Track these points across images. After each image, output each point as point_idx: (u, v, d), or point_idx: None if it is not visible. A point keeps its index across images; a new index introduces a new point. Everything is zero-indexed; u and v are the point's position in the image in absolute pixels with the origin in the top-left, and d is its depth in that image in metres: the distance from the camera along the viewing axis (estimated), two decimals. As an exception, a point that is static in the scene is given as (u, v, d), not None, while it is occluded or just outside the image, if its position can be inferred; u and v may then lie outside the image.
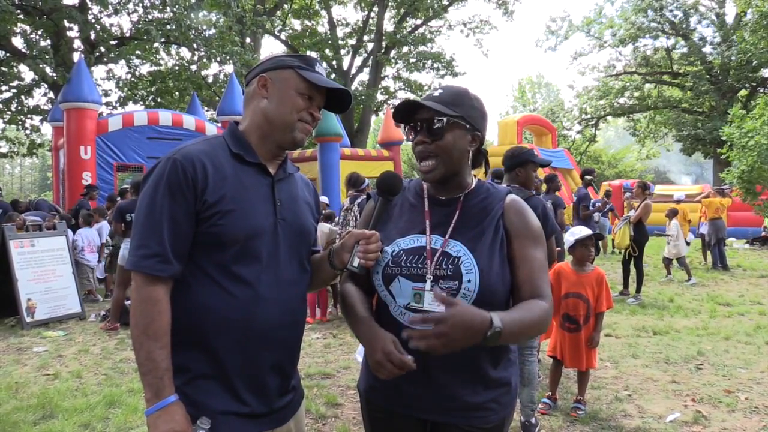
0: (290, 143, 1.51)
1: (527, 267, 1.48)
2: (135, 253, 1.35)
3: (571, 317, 3.83)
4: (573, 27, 30.56)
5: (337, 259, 1.55)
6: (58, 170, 12.52)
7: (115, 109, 18.29)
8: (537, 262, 1.49)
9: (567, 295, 3.84)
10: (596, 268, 3.89)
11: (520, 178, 3.69)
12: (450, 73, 25.84)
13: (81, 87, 10.46)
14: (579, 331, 3.80)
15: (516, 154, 3.76)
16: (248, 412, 1.41)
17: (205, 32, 16.29)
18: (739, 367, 4.83)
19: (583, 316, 3.80)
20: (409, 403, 1.52)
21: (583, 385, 3.95)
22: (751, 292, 8.47)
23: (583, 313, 3.80)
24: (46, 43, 16.46)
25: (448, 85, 1.58)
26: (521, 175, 3.69)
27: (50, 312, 6.69)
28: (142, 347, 1.31)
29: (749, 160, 12.65)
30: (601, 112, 29.06)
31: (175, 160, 1.37)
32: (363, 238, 1.48)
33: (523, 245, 1.50)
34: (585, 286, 3.82)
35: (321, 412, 3.87)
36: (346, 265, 1.50)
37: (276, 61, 1.51)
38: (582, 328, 3.80)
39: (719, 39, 25.89)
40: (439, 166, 1.51)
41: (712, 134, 23.53)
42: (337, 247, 1.56)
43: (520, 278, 1.48)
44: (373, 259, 1.49)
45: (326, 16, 26.15)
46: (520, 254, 1.49)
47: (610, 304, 3.83)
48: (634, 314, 7.02)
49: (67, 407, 3.95)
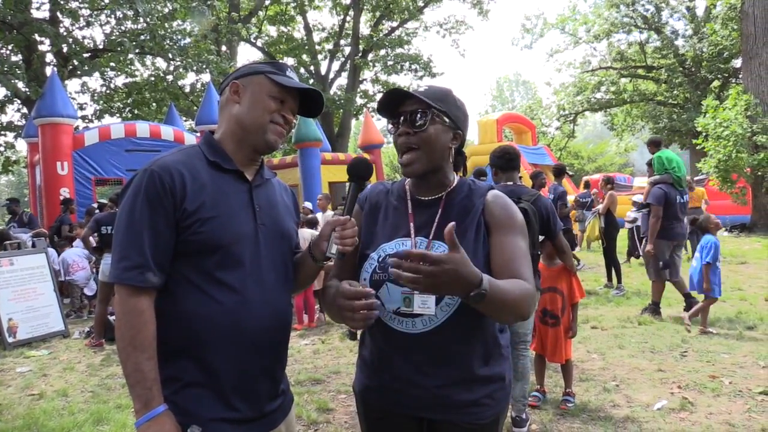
0: (263, 146, 1.52)
1: (507, 252, 1.47)
2: (117, 266, 1.35)
3: (550, 311, 3.93)
4: (548, 25, 30.85)
5: (316, 250, 1.58)
6: (35, 187, 12.30)
7: (91, 122, 18.04)
8: (518, 249, 1.48)
9: (543, 290, 3.91)
10: (561, 263, 3.92)
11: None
12: (428, 74, 25.93)
13: (55, 101, 10.31)
14: (559, 324, 3.90)
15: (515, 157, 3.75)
16: (239, 418, 1.41)
17: (180, 42, 16.16)
18: (723, 353, 4.91)
19: (560, 309, 3.90)
20: (404, 401, 1.53)
21: (568, 377, 4.00)
22: (732, 278, 8.61)
23: (560, 306, 3.90)
24: (18, 57, 16.19)
25: (432, 84, 1.60)
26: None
27: (32, 331, 6.57)
28: (129, 359, 1.31)
29: (726, 150, 12.88)
30: (578, 107, 29.35)
31: (152, 171, 1.37)
32: (338, 225, 1.50)
33: (502, 234, 1.50)
34: (558, 280, 3.91)
35: (312, 418, 3.86)
36: (325, 253, 1.52)
37: (247, 68, 1.54)
38: (561, 321, 3.90)
39: (691, 32, 26.33)
40: (420, 158, 1.52)
41: (687, 125, 23.88)
42: (315, 239, 1.60)
43: (499, 263, 1.46)
44: (350, 245, 1.50)
45: (302, 21, 26.10)
46: (498, 241, 1.49)
47: (582, 294, 3.94)
48: (618, 305, 7.11)
49: (53, 427, 3.89)
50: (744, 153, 13.32)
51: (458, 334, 1.48)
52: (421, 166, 1.52)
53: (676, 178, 6.38)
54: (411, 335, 1.48)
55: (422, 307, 1.44)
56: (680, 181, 6.42)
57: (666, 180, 6.39)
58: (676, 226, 6.28)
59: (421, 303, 1.45)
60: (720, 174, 13.38)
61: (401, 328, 1.49)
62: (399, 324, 1.50)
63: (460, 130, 1.57)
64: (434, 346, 1.48)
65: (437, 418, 1.52)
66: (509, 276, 1.42)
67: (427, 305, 1.44)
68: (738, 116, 13.18)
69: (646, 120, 29.96)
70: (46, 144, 10.34)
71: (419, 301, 1.45)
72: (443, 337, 1.47)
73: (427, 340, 1.47)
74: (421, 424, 1.57)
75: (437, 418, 1.52)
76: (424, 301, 1.44)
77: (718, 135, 13.25)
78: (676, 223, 6.29)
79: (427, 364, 1.48)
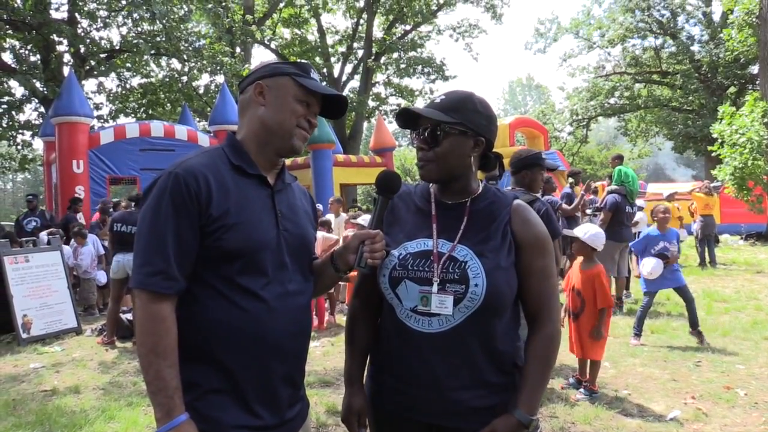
0: (288, 150, 1.50)
1: (534, 278, 1.52)
2: (140, 271, 1.33)
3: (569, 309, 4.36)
4: (561, 29, 30.71)
5: (341, 262, 1.56)
6: (50, 185, 12.46)
7: (106, 122, 18.23)
8: (544, 272, 1.53)
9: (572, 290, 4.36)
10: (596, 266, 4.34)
11: (526, 181, 3.66)
12: (441, 78, 25.93)
13: (72, 101, 10.44)
14: (577, 320, 4.27)
15: (523, 157, 3.75)
16: (261, 425, 1.40)
17: (195, 43, 16.29)
18: (738, 364, 4.84)
19: (579, 308, 4.28)
20: (416, 406, 1.52)
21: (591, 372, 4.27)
22: (747, 288, 8.51)
23: (579, 305, 4.27)
24: (36, 57, 16.42)
25: (451, 91, 1.59)
26: (527, 177, 3.65)
27: (46, 328, 6.63)
28: (151, 366, 1.29)
29: (742, 157, 12.72)
30: (591, 112, 29.17)
31: (177, 175, 1.35)
32: (368, 238, 1.48)
33: (530, 255, 1.52)
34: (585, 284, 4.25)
35: (322, 420, 3.86)
36: (352, 267, 1.51)
37: (272, 69, 1.50)
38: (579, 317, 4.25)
39: (707, 37, 26.10)
40: (434, 170, 1.53)
41: (702, 132, 23.66)
42: (340, 249, 1.57)
43: (527, 290, 1.52)
44: (380, 258, 1.49)
45: (315, 24, 26.19)
46: (527, 264, 1.51)
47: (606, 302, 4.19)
48: (631, 313, 7.04)
49: (65, 423, 3.92)
50: (760, 160, 13.14)
51: (474, 337, 1.47)
52: (435, 175, 1.55)
53: (629, 191, 7.55)
54: (427, 334, 1.47)
55: (440, 306, 1.45)
56: (632, 194, 7.65)
57: (620, 191, 7.48)
58: (623, 230, 7.35)
59: (438, 302, 1.45)
60: (736, 181, 13.21)
61: (417, 326, 1.49)
62: (415, 323, 1.49)
63: (482, 137, 1.55)
64: (449, 347, 1.47)
65: (448, 425, 1.51)
66: (537, 303, 1.53)
67: (445, 305, 1.44)
68: (754, 123, 13.01)
69: (660, 126, 29.73)
70: (63, 143, 10.46)
71: (437, 301, 1.45)
72: (459, 338, 1.46)
73: (442, 340, 1.47)
74: (430, 430, 1.56)
75: (448, 425, 1.51)
76: (442, 300, 1.45)
77: (734, 142, 13.08)
78: (624, 227, 7.39)
79: (441, 365, 1.47)
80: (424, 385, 1.49)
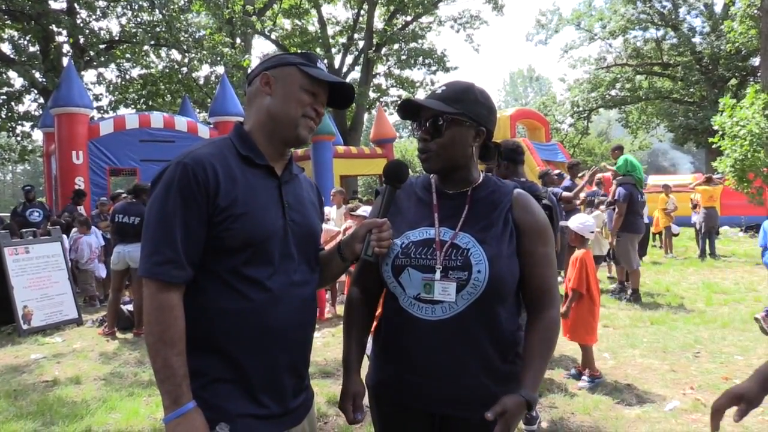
0: (295, 140, 1.50)
1: (535, 264, 1.53)
2: (148, 260, 1.33)
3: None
4: (563, 20, 30.62)
5: (348, 251, 1.57)
6: (50, 176, 12.45)
7: (106, 113, 18.18)
8: (545, 259, 1.55)
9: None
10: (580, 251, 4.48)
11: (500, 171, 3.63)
12: (441, 69, 25.83)
13: (71, 92, 10.39)
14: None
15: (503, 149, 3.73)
16: (266, 414, 1.41)
17: (195, 34, 16.22)
18: (736, 355, 4.86)
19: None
20: (419, 395, 1.53)
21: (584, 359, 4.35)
22: (747, 279, 8.52)
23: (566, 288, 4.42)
24: (35, 48, 16.35)
25: (452, 82, 1.60)
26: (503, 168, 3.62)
27: (47, 318, 6.65)
28: (159, 354, 1.30)
29: (743, 149, 12.70)
30: (592, 104, 29.10)
31: (185, 165, 1.35)
32: (375, 227, 1.49)
33: (532, 243, 1.53)
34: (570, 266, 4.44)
35: (322, 411, 3.87)
36: (359, 255, 1.51)
37: (278, 59, 1.51)
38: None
39: (708, 29, 26.01)
40: (436, 160, 1.55)
41: (703, 124, 23.63)
42: (346, 238, 1.58)
43: (528, 276, 1.54)
44: (387, 246, 1.51)
45: (316, 14, 26.07)
46: (528, 251, 1.53)
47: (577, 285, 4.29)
48: (630, 304, 7.05)
49: (66, 413, 3.94)
50: (761, 152, 13.10)
51: (477, 325, 1.48)
52: (436, 165, 1.56)
53: (637, 179, 7.35)
54: (430, 322, 1.48)
55: (443, 293, 1.46)
56: (641, 182, 7.46)
57: (630, 181, 7.27)
58: (638, 220, 7.17)
59: (441, 289, 1.46)
60: (736, 173, 13.18)
61: (420, 314, 1.49)
62: (419, 310, 1.50)
63: (483, 127, 1.56)
64: (453, 334, 1.47)
65: (451, 413, 1.52)
66: (538, 288, 1.54)
67: (448, 292, 1.45)
68: (755, 115, 12.96)
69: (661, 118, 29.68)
70: (62, 134, 10.43)
71: (440, 288, 1.46)
72: (462, 325, 1.47)
73: (445, 328, 1.47)
74: (433, 419, 1.56)
75: (451, 413, 1.52)
76: (445, 287, 1.46)
77: (735, 134, 13.04)
78: (639, 217, 7.20)
79: (444, 353, 1.48)
80: (428, 374, 1.50)
